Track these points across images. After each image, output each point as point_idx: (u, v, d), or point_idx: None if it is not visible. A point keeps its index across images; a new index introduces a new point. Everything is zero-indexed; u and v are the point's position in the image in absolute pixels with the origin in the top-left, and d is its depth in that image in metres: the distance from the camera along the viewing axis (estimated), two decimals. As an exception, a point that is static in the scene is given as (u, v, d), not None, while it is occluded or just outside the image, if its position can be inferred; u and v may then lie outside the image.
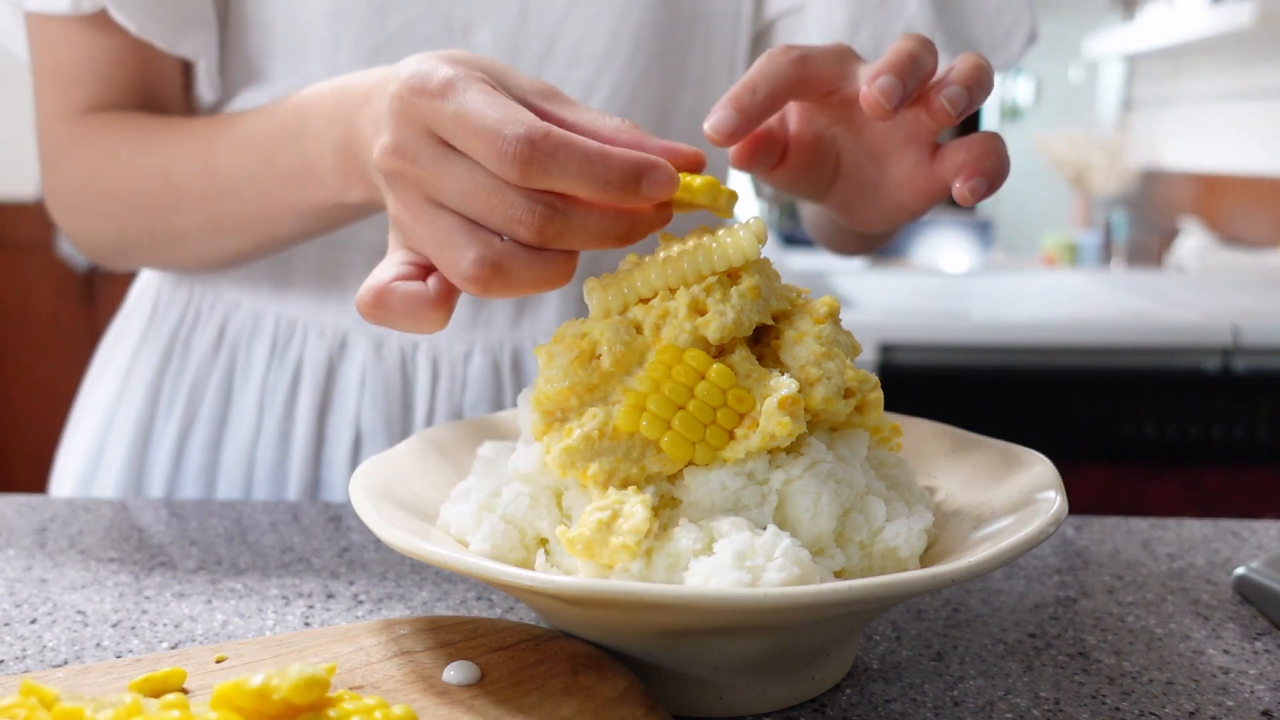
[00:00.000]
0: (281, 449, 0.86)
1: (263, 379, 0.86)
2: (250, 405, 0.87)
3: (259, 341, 0.87)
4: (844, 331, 0.53)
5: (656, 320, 0.51)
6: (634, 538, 0.45)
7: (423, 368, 0.86)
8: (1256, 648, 0.57)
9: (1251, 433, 1.88)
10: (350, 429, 0.86)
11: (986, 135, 0.57)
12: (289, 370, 0.86)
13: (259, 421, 0.87)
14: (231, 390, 0.87)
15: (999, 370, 1.90)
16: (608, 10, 0.82)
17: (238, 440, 0.87)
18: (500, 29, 0.81)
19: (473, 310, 0.86)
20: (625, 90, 0.84)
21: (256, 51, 0.82)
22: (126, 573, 0.65)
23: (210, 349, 0.88)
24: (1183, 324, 1.93)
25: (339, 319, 0.86)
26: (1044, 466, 0.54)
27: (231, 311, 0.87)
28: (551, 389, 0.51)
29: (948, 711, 0.50)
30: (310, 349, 0.86)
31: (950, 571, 0.43)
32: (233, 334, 0.87)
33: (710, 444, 0.48)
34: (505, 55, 0.81)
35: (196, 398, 0.87)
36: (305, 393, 0.86)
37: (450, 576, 0.65)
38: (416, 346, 0.86)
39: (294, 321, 0.86)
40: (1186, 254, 3.00)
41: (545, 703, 0.44)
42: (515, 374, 0.88)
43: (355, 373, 0.86)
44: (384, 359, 0.86)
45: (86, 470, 0.91)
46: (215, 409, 0.87)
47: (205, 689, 0.46)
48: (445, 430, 0.62)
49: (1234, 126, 3.12)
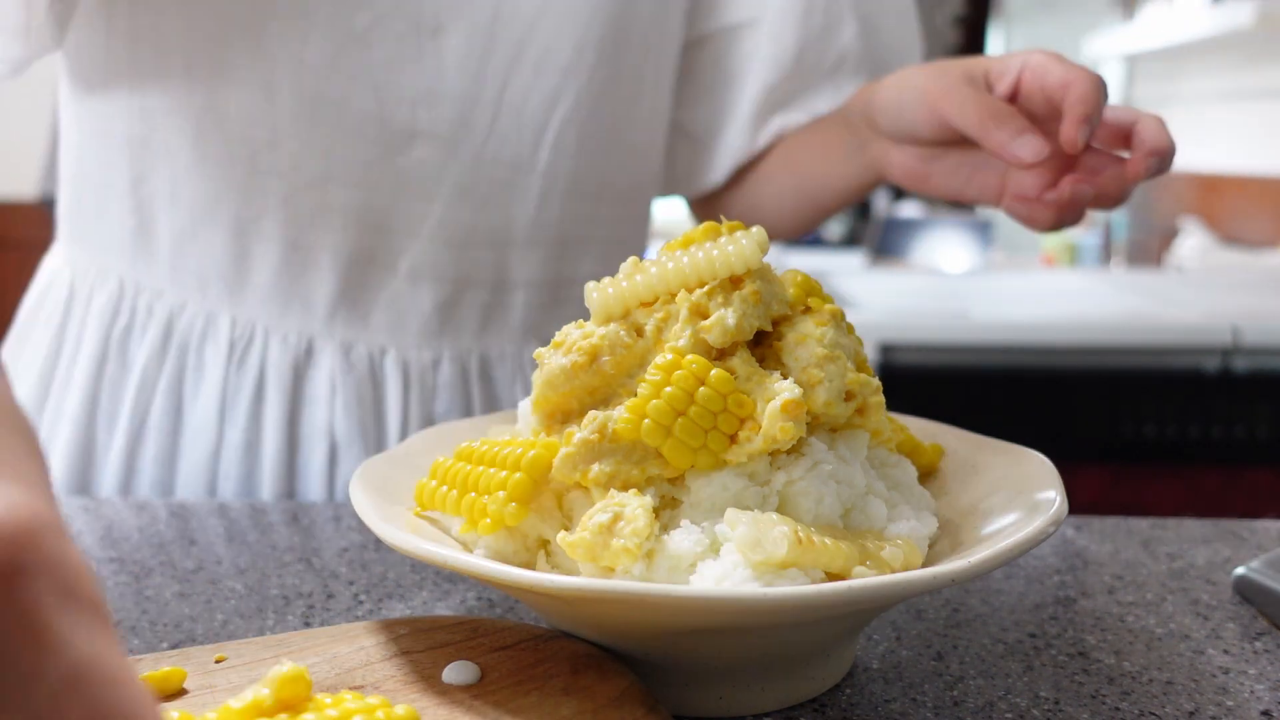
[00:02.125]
0: (249, 461, 0.83)
1: (220, 386, 0.83)
2: (207, 415, 0.83)
3: (211, 345, 0.83)
4: (848, 335, 0.53)
5: (658, 324, 0.51)
6: (635, 540, 0.45)
7: (392, 375, 0.85)
8: (1256, 648, 0.57)
9: (1251, 433, 1.88)
10: (324, 439, 0.84)
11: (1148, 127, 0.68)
12: (250, 377, 0.83)
13: (219, 433, 0.83)
14: (182, 397, 0.84)
15: (999, 370, 1.89)
16: (573, 22, 0.82)
17: (195, 453, 0.83)
18: (472, 33, 0.80)
19: (440, 317, 0.85)
20: (586, 102, 0.84)
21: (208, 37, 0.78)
22: (126, 573, 0.65)
23: (155, 351, 0.83)
24: (1182, 324, 1.93)
25: (304, 324, 0.83)
26: (1044, 466, 0.54)
27: (177, 313, 0.83)
28: (553, 392, 0.51)
29: (948, 711, 0.50)
30: (273, 355, 0.83)
31: (950, 571, 0.43)
32: (180, 335, 0.83)
33: (711, 449, 0.48)
34: (474, 62, 0.80)
35: (143, 405, 0.83)
36: (272, 401, 0.83)
37: (450, 576, 0.65)
38: (385, 353, 0.84)
39: (252, 325, 0.83)
40: (1186, 254, 3.00)
41: (545, 703, 0.44)
42: (483, 381, 0.87)
43: (324, 380, 0.84)
44: (353, 365, 0.84)
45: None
46: (165, 418, 0.83)
47: (205, 689, 0.46)
48: (445, 430, 0.63)
49: (1234, 126, 3.12)
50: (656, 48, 0.88)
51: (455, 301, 0.85)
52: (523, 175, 0.84)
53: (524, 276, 0.87)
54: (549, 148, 0.84)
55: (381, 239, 0.82)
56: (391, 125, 0.80)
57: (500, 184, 0.83)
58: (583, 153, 0.86)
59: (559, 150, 0.84)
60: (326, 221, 0.81)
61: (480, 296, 0.86)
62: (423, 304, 0.84)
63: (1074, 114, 0.65)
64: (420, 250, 0.83)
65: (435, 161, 0.81)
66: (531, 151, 0.84)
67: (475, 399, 0.87)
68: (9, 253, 3.71)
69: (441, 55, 0.79)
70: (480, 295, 0.86)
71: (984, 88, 0.71)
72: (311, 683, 0.42)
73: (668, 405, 0.48)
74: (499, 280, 0.86)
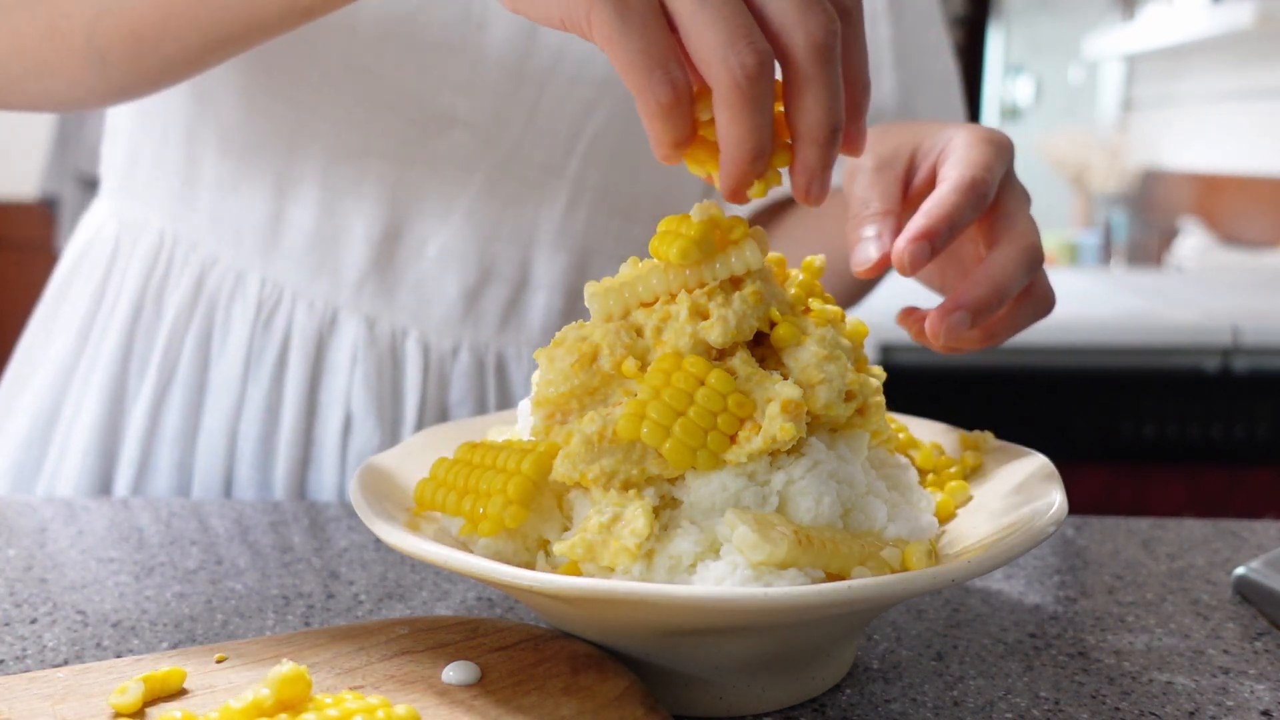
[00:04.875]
0: (269, 423, 0.85)
1: (246, 345, 0.84)
2: (232, 372, 0.85)
3: (240, 303, 0.85)
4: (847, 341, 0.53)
5: (658, 324, 0.51)
6: (635, 540, 0.45)
7: (412, 356, 0.86)
8: (1256, 648, 0.57)
9: (1251, 433, 1.88)
10: (341, 408, 0.85)
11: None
12: (277, 339, 0.85)
13: (242, 390, 0.85)
14: (209, 352, 0.85)
15: (999, 370, 1.90)
16: None
17: (219, 407, 0.85)
18: (514, 30, 0.81)
19: (463, 306, 0.86)
20: (621, 116, 0.85)
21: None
22: (126, 573, 0.65)
23: (186, 303, 0.85)
24: (1182, 324, 1.93)
25: (331, 292, 0.85)
26: (1044, 467, 0.54)
27: (209, 266, 0.85)
28: (553, 391, 0.51)
29: (948, 711, 0.50)
30: (299, 320, 0.85)
31: (950, 571, 0.43)
32: (210, 290, 0.85)
33: (711, 449, 0.48)
34: (514, 59, 0.81)
35: (172, 356, 0.85)
36: (295, 365, 0.84)
37: (450, 576, 0.65)
38: (407, 333, 0.86)
39: (280, 288, 0.85)
40: (1186, 254, 3.00)
41: (545, 703, 0.44)
42: (499, 379, 0.88)
43: (346, 350, 0.85)
44: (376, 339, 0.85)
45: (37, 429, 0.87)
46: (192, 371, 0.85)
47: (205, 689, 0.46)
48: (446, 430, 0.63)
49: (1234, 126, 3.12)
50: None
51: (478, 293, 0.86)
52: (552, 179, 0.85)
53: (547, 279, 0.88)
54: (580, 156, 0.85)
55: (412, 218, 0.84)
56: (431, 108, 0.81)
57: (530, 184, 0.85)
58: (614, 167, 0.86)
59: (589, 160, 0.85)
60: (360, 193, 0.83)
61: (503, 292, 0.87)
62: (447, 290, 0.86)
63: (913, 226, 0.54)
64: (449, 236, 0.85)
65: (470, 150, 0.83)
66: (563, 158, 0.85)
67: (490, 394, 0.88)
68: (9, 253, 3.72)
69: (484, 49, 0.81)
70: (503, 290, 0.87)
71: (901, 168, 0.61)
72: (311, 683, 0.42)
73: (668, 405, 0.48)
74: (522, 279, 0.87)
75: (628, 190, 0.88)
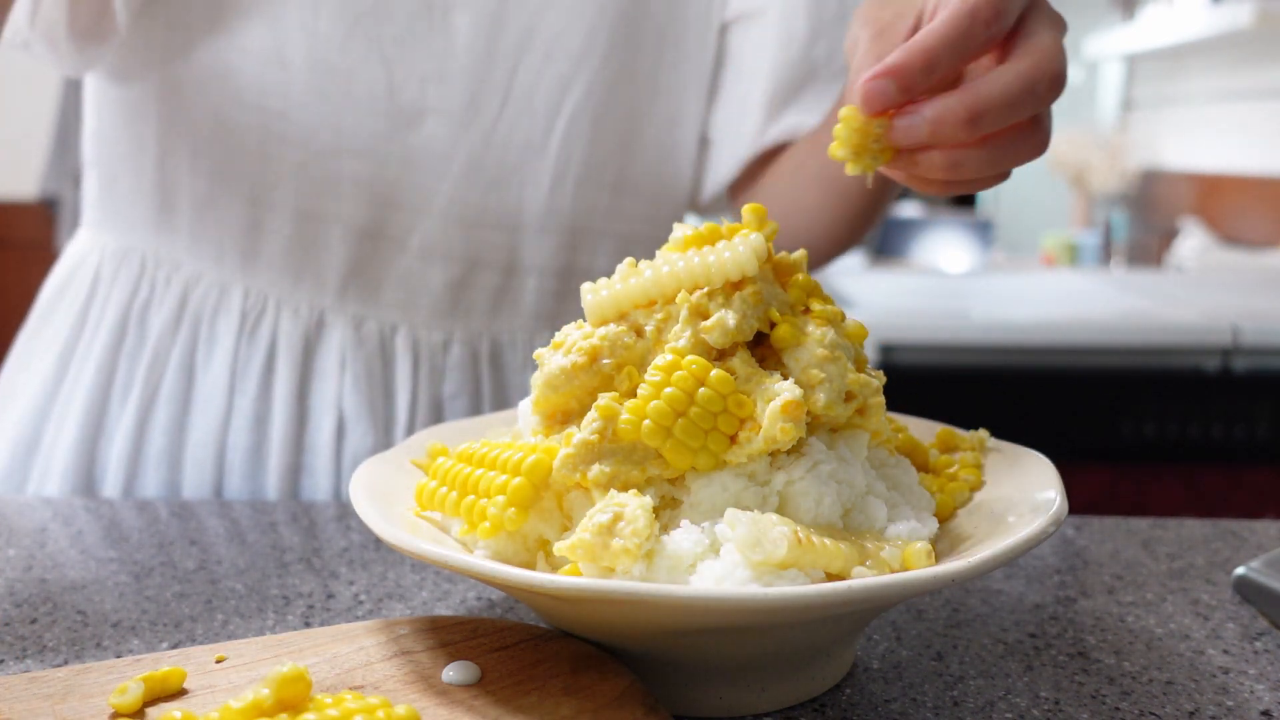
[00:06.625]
0: (258, 432, 0.84)
1: (231, 356, 0.84)
2: (217, 385, 0.84)
3: (224, 317, 0.84)
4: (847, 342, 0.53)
5: (658, 324, 0.51)
6: (635, 541, 0.45)
7: (402, 353, 0.85)
8: (1256, 648, 0.57)
9: (1251, 433, 1.88)
10: (332, 412, 0.84)
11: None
12: (262, 348, 0.84)
13: (229, 403, 0.84)
14: (194, 368, 0.85)
15: (999, 370, 1.89)
16: (583, 10, 0.82)
17: (205, 423, 0.84)
18: (479, 14, 0.81)
19: (451, 297, 0.86)
20: (599, 91, 0.84)
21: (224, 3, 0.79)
22: (126, 573, 0.65)
23: (169, 323, 0.85)
24: (1182, 324, 1.93)
25: (315, 296, 0.84)
26: (1044, 466, 0.54)
27: (192, 284, 0.85)
28: (553, 392, 0.51)
29: (948, 711, 0.50)
30: (284, 327, 0.84)
31: (950, 571, 0.43)
32: (194, 307, 0.85)
33: (711, 450, 0.48)
34: (482, 42, 0.81)
35: (156, 376, 0.85)
36: (282, 373, 0.84)
37: (450, 576, 0.65)
38: (395, 330, 0.85)
39: (264, 297, 0.84)
40: (1186, 254, 3.00)
41: (545, 703, 0.44)
42: (493, 366, 0.88)
43: (334, 353, 0.84)
44: (364, 340, 0.85)
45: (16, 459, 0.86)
46: (177, 388, 0.84)
47: (205, 689, 0.46)
48: (445, 430, 0.63)
49: (1234, 126, 3.12)
50: (674, 44, 0.87)
51: (466, 282, 0.86)
52: (534, 159, 0.84)
53: (536, 262, 0.87)
54: (560, 134, 0.84)
55: (392, 214, 0.83)
56: (401, 100, 0.81)
57: (511, 166, 0.84)
58: (596, 143, 0.86)
59: (571, 137, 0.85)
60: (337, 193, 0.82)
61: (491, 279, 0.86)
62: (433, 282, 0.85)
63: (883, 62, 0.50)
64: (431, 227, 0.84)
65: (445, 139, 0.82)
66: (543, 136, 0.84)
67: (485, 383, 0.87)
68: (9, 253, 3.72)
69: (450, 35, 0.81)
70: (491, 277, 0.86)
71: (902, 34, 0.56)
72: (311, 683, 0.42)
73: (668, 406, 0.48)
74: (510, 264, 0.87)
75: (615, 164, 0.87)
